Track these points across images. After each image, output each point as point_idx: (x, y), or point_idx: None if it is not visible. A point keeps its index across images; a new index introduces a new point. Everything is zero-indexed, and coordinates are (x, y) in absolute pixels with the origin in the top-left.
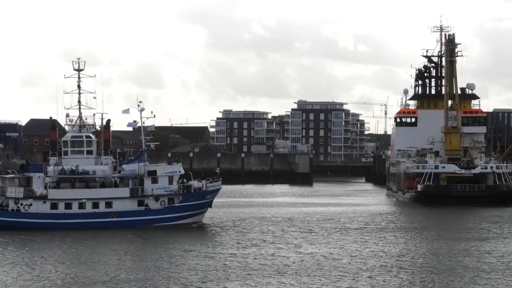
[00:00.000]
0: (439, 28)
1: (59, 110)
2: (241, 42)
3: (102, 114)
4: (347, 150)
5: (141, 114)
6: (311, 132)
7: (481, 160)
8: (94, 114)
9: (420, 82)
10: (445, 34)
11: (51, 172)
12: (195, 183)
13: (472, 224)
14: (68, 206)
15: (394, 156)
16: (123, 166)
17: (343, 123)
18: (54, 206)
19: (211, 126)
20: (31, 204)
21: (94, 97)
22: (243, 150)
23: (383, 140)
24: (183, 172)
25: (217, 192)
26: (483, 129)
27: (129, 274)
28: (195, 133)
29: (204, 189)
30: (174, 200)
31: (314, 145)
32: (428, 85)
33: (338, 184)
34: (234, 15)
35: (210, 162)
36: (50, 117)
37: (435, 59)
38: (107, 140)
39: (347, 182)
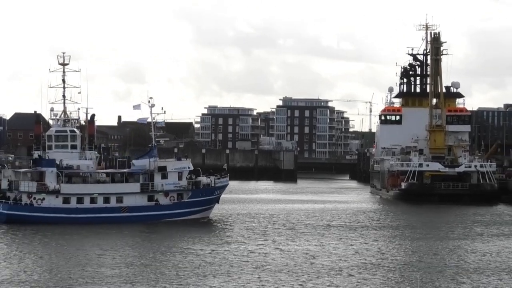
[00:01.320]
0: (424, 26)
1: (43, 105)
2: (226, 39)
3: (86, 108)
4: (332, 147)
5: (151, 110)
6: (296, 129)
7: (465, 158)
8: (78, 109)
9: (405, 80)
10: (430, 33)
11: None
12: (204, 179)
13: (455, 223)
14: (80, 200)
15: (379, 154)
16: (133, 161)
17: (328, 120)
18: (66, 200)
19: (196, 122)
20: (44, 199)
21: (79, 92)
22: (228, 146)
23: (367, 137)
24: (192, 168)
25: (224, 188)
26: (467, 128)
27: (111, 270)
28: (180, 129)
29: (213, 185)
30: (183, 195)
31: (298, 142)
32: (413, 83)
33: (322, 181)
34: (219, 12)
35: (195, 158)
36: (35, 111)
37: (420, 57)
38: (91, 134)
39: (331, 179)
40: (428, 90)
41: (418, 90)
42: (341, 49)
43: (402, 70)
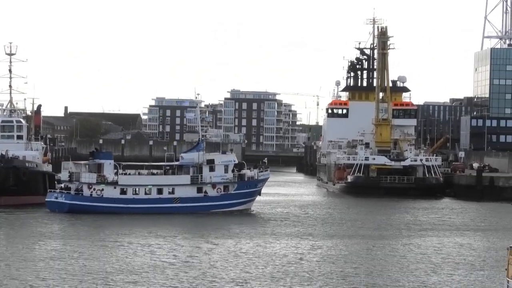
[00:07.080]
0: (372, 20)
1: None
2: (176, 30)
3: (33, 99)
4: (279, 140)
5: (197, 105)
6: (244, 122)
7: (410, 152)
8: (25, 99)
9: (352, 74)
10: (377, 27)
11: None
12: (248, 172)
13: (398, 216)
14: (135, 191)
15: (325, 147)
16: (182, 154)
17: (276, 113)
18: (123, 191)
19: (144, 114)
20: (103, 189)
21: (26, 82)
22: (175, 138)
23: (314, 131)
24: (237, 161)
25: (266, 180)
26: (413, 122)
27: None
28: (128, 120)
29: (256, 178)
30: (229, 187)
31: (246, 134)
32: (360, 77)
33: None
34: (171, 2)
35: (142, 150)
36: None
37: (367, 51)
38: (37, 125)
39: (278, 172)
40: (374, 84)
41: (365, 84)
42: (290, 41)
43: (349, 64)
